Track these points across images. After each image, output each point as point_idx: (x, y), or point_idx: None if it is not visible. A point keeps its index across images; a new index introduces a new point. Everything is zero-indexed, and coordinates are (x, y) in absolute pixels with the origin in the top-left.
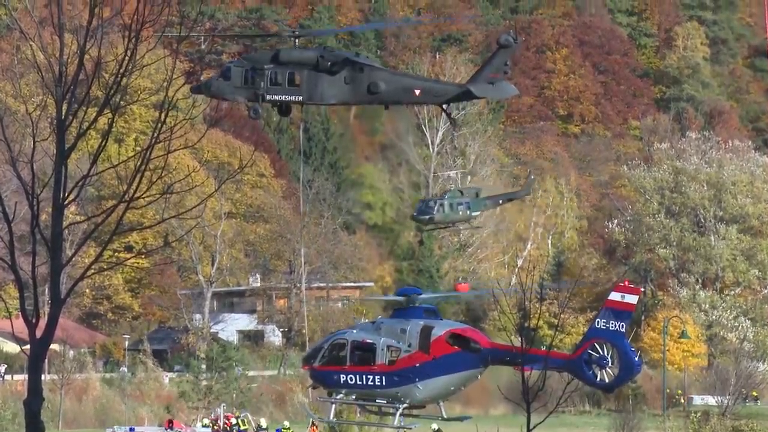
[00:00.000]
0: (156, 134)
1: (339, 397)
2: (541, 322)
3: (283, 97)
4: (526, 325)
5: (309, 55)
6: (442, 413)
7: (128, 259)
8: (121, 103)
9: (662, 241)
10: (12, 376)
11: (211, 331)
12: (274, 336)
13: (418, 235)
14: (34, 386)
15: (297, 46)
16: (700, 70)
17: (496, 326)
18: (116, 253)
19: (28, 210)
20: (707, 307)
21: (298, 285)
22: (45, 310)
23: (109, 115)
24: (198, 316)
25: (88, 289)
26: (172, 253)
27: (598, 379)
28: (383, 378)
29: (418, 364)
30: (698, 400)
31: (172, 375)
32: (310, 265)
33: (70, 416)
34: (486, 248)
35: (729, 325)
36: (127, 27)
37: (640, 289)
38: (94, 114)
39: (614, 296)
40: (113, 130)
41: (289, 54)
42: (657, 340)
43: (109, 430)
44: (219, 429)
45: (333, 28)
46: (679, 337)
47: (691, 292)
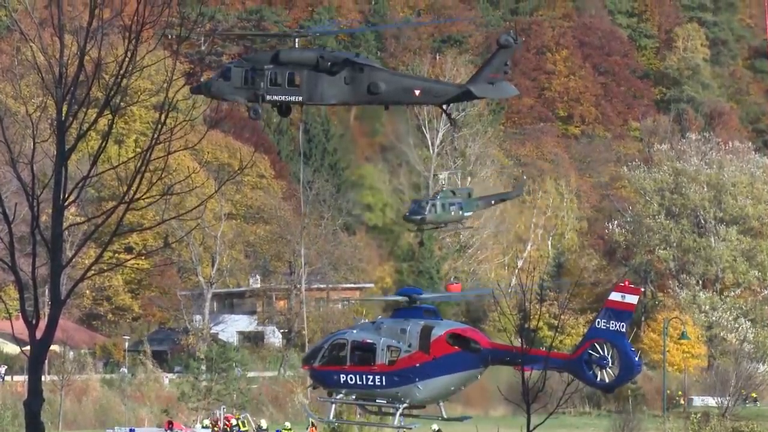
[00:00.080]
0: (156, 135)
1: (339, 397)
2: (542, 323)
3: (283, 98)
4: (527, 326)
5: (309, 56)
6: (442, 413)
7: (128, 260)
8: (121, 104)
9: (662, 242)
10: (12, 377)
11: (211, 332)
12: (274, 337)
13: (419, 236)
14: (35, 387)
15: (297, 46)
16: (700, 72)
17: (496, 327)
18: (116, 254)
19: (28, 211)
20: (707, 308)
21: (298, 286)
22: (45, 311)
23: (109, 116)
24: (198, 317)
25: (88, 290)
26: (172, 254)
27: (599, 380)
28: (383, 378)
29: (418, 364)
30: (698, 401)
31: (172, 376)
32: (310, 266)
33: (70, 417)
34: (486, 249)
35: (729, 326)
36: (127, 28)
37: (641, 290)
38: (94, 115)
39: (614, 296)
40: (113, 131)
41: (289, 54)
42: (657, 341)
43: (109, 431)
44: (219, 430)
45: (335, 29)
46: (679, 338)
47: (691, 293)
